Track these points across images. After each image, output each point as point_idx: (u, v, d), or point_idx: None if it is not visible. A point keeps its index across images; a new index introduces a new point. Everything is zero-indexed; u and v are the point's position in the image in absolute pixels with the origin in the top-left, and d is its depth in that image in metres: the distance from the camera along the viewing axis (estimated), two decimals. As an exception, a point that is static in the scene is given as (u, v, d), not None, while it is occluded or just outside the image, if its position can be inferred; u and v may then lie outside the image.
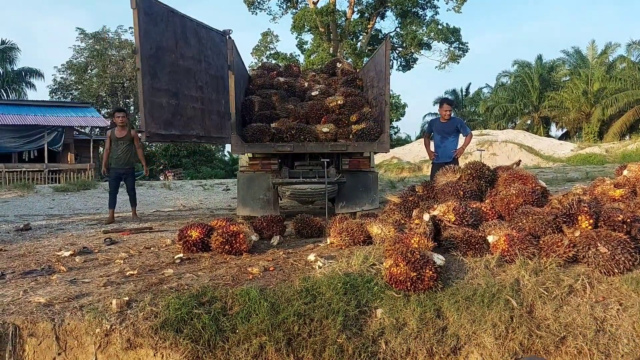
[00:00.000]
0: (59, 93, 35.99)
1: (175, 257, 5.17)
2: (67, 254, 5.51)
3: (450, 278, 4.30)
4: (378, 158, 22.52)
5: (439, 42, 31.44)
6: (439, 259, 4.28)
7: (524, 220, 4.80)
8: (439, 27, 30.66)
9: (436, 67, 33.02)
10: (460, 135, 7.74)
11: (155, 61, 6.02)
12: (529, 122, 38.07)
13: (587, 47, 35.37)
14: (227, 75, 6.78)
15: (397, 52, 32.89)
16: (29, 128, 23.25)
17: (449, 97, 8.50)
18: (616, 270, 4.14)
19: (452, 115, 7.89)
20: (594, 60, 34.24)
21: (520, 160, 6.60)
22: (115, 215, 9.25)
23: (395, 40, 32.43)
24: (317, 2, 31.25)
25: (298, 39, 33.05)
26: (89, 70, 35.86)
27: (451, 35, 30.76)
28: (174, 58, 6.34)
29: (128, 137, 8.03)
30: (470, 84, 48.98)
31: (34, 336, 3.72)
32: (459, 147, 7.73)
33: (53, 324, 3.74)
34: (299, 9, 32.06)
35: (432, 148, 7.89)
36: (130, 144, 8.04)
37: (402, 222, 5.44)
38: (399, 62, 33.53)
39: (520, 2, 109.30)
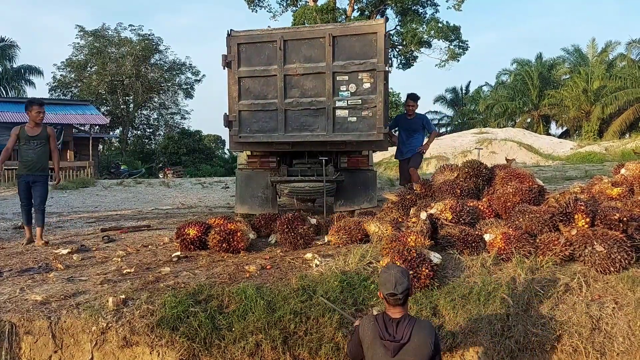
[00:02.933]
0: (59, 91, 35.95)
1: (172, 255, 5.17)
2: (64, 251, 5.52)
3: (446, 276, 4.31)
4: (377, 156, 22.50)
5: (439, 40, 31.32)
6: (435, 257, 4.28)
7: (521, 219, 4.81)
8: (439, 25, 30.55)
9: (436, 65, 32.93)
10: (423, 135, 7.85)
11: None
12: (528, 120, 38.03)
13: (587, 45, 35.35)
14: None
15: (397, 50, 32.84)
16: (29, 126, 23.21)
17: (414, 93, 8.53)
18: (612, 269, 4.14)
19: (416, 111, 8.01)
20: (594, 59, 34.20)
21: (514, 159, 6.61)
22: (114, 212, 9.25)
23: (395, 38, 32.38)
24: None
25: (298, 37, 32.92)
26: (89, 68, 35.80)
27: (451, 33, 30.67)
28: None
29: (44, 135, 6.30)
30: (470, 82, 48.91)
31: (30, 334, 3.73)
32: (424, 143, 7.89)
33: (49, 321, 3.75)
34: (299, 6, 32.01)
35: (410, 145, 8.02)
36: (46, 145, 6.33)
37: (400, 220, 5.44)
38: (399, 60, 33.46)
39: (520, 1, 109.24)
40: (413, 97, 7.99)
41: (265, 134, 6.80)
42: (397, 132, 8.17)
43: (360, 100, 6.38)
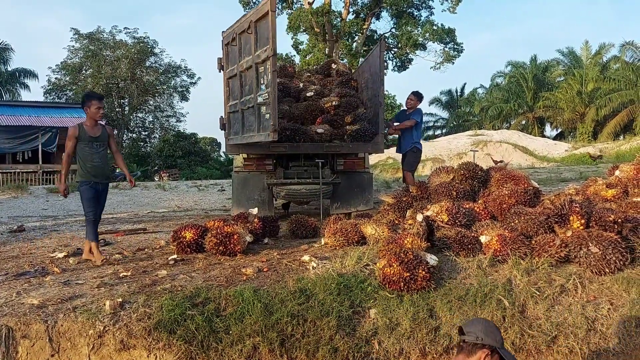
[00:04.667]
0: (53, 94, 35.87)
1: (169, 258, 5.17)
2: (60, 255, 5.50)
3: (443, 278, 4.32)
4: (373, 158, 22.55)
5: (434, 42, 31.50)
6: (432, 259, 4.30)
7: (517, 221, 4.83)
8: (434, 27, 30.71)
9: (431, 67, 33.11)
10: (415, 129, 7.90)
11: None
12: (523, 122, 38.21)
13: (581, 48, 35.61)
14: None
15: (393, 52, 32.93)
16: (23, 129, 23.15)
17: (417, 90, 8.68)
18: (607, 270, 4.17)
19: (417, 107, 8.03)
20: (588, 61, 34.41)
21: (502, 160, 6.65)
22: (110, 216, 9.23)
23: (390, 40, 32.48)
24: (313, 2, 31.27)
25: (293, 39, 33.08)
26: (84, 71, 35.75)
27: (446, 35, 30.83)
28: None
29: (105, 135, 5.43)
30: (465, 84, 49.30)
31: (27, 338, 3.72)
32: (413, 139, 7.89)
33: (46, 325, 3.73)
34: (294, 9, 32.06)
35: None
36: (107, 147, 5.51)
37: (396, 222, 5.46)
38: (394, 63, 33.55)
39: (515, 3, 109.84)
40: (414, 93, 8.04)
41: (237, 136, 6.78)
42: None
43: (267, 94, 5.72)
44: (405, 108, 8.16)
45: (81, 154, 5.30)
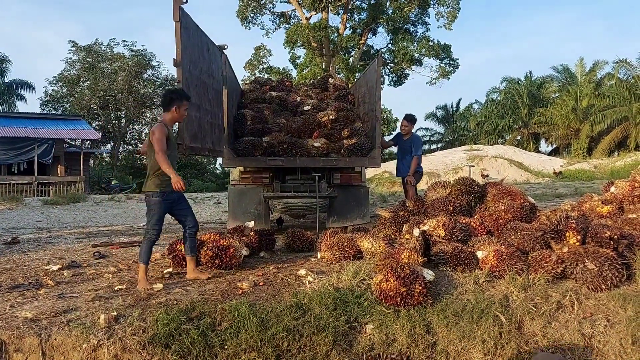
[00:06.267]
0: (50, 105, 35.87)
1: (164, 272, 5.14)
2: (55, 268, 5.46)
3: (439, 293, 4.31)
4: (370, 172, 22.58)
5: (429, 58, 31.83)
6: (428, 274, 4.29)
7: (513, 236, 4.84)
8: (430, 43, 31.06)
9: (427, 82, 33.38)
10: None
11: (189, 74, 5.58)
12: (518, 137, 38.42)
13: (576, 65, 35.97)
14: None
15: (389, 67, 33.19)
16: (19, 140, 23.11)
17: (409, 114, 8.68)
18: (603, 287, 4.17)
19: (412, 131, 8.04)
20: (582, 78, 34.75)
21: (488, 174, 6.69)
22: (105, 228, 9.18)
23: (386, 55, 32.77)
24: (310, 17, 31.55)
25: (291, 54, 33.34)
26: (81, 83, 35.78)
27: (442, 51, 31.15)
28: (198, 71, 6.01)
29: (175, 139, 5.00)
30: (460, 99, 49.49)
31: (20, 351, 3.68)
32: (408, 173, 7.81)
33: (40, 339, 3.69)
34: (291, 24, 32.34)
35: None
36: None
37: (393, 236, 5.46)
38: (390, 78, 33.84)
39: (510, 20, 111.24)
40: (406, 118, 8.06)
41: None
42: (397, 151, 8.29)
43: None
44: (402, 133, 8.13)
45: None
